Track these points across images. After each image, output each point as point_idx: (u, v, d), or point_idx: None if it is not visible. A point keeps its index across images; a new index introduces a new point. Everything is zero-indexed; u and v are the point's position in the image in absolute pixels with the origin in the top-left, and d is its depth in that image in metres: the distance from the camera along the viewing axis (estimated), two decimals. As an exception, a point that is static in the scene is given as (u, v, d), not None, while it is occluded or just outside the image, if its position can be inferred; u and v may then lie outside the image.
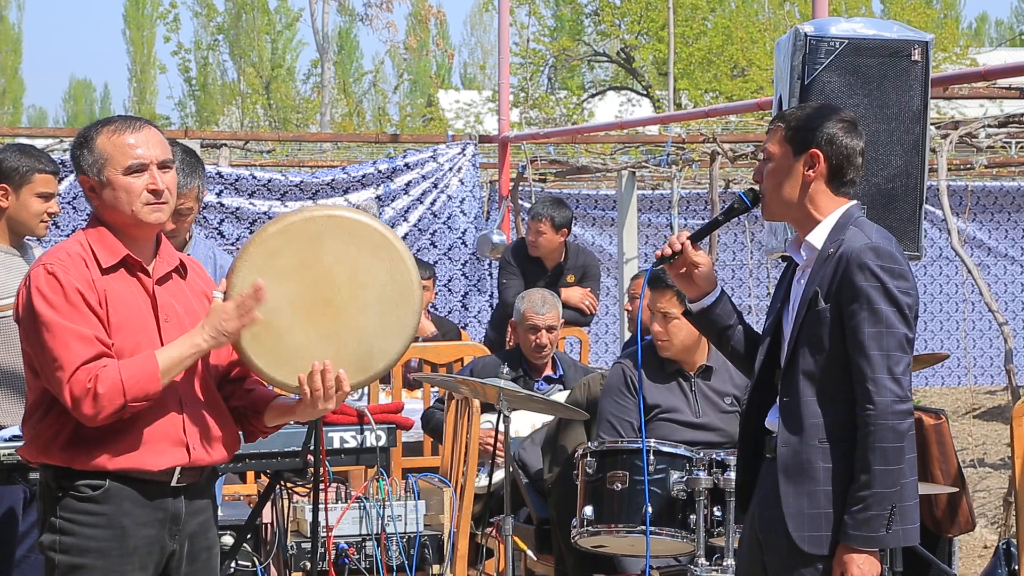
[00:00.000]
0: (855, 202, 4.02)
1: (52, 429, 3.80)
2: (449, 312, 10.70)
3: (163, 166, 3.86)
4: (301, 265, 3.84)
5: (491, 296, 11.10)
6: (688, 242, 4.10)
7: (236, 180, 10.40)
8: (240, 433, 4.09)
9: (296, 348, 3.84)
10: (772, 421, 4.02)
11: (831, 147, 3.92)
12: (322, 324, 3.86)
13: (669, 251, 4.10)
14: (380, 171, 10.84)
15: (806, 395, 3.87)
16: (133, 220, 3.84)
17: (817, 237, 3.94)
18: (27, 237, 5.39)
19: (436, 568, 5.59)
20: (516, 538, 5.80)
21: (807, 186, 3.94)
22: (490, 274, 11.10)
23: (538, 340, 7.05)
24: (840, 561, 3.83)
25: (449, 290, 10.78)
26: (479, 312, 10.95)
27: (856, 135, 3.98)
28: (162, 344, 3.82)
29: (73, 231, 9.26)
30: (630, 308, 7.59)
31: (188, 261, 4.07)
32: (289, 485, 5.41)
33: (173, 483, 3.86)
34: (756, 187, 4.03)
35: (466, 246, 10.93)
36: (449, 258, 10.89)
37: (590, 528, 5.23)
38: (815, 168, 3.92)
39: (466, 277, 10.93)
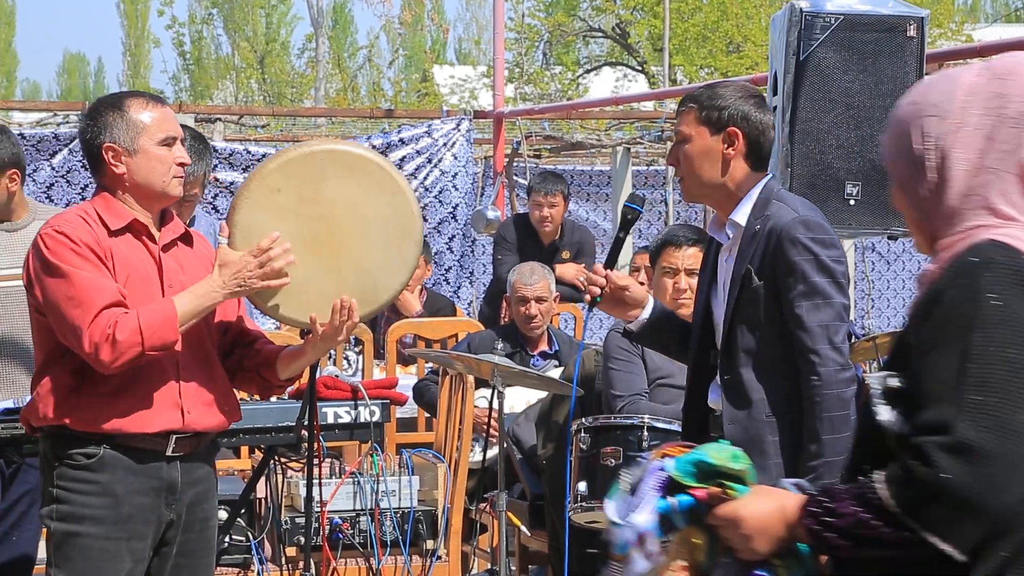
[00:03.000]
0: (771, 175, 4.03)
1: (51, 387, 3.83)
2: (434, 284, 10.70)
3: (183, 142, 3.98)
4: (302, 201, 3.86)
5: (472, 273, 11.12)
6: (608, 272, 4.08)
7: (230, 155, 10.39)
8: (257, 393, 4.20)
9: (302, 283, 3.87)
10: (715, 399, 4.03)
11: (747, 123, 3.92)
12: (326, 259, 3.90)
13: (596, 291, 4.06)
14: (375, 146, 10.81)
15: (747, 372, 3.89)
16: (160, 191, 3.91)
17: (741, 215, 3.94)
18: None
19: (430, 543, 5.60)
20: (510, 514, 5.81)
21: (727, 164, 3.94)
22: (472, 251, 11.10)
23: (527, 311, 7.05)
24: None
25: (436, 263, 10.79)
26: (459, 288, 10.96)
27: (766, 109, 3.99)
28: None
29: (67, 205, 9.25)
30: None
31: (194, 232, 4.12)
32: (283, 460, 5.42)
33: (168, 452, 3.88)
34: (639, 193, 4.05)
35: (456, 221, 10.92)
36: (438, 231, 10.89)
37: (584, 504, 5.23)
38: (734, 146, 3.92)
39: (451, 252, 10.94)
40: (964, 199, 2.33)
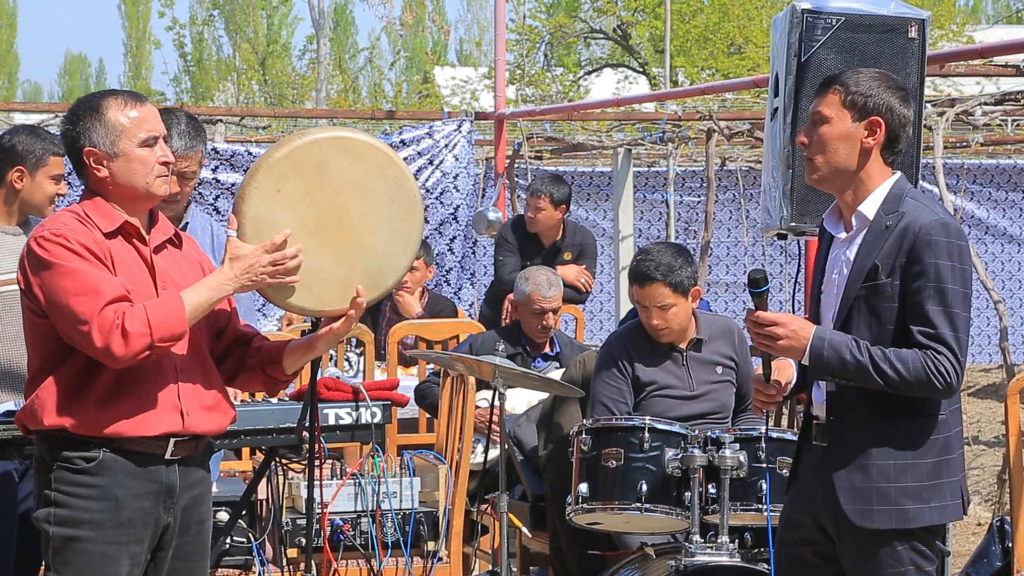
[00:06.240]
0: (900, 173, 3.99)
1: (49, 391, 3.80)
2: (435, 286, 10.71)
3: (166, 140, 3.94)
4: (309, 189, 3.88)
5: (473, 274, 11.12)
6: (771, 386, 4.03)
7: (232, 156, 10.37)
8: (262, 390, 4.18)
9: (312, 272, 3.89)
10: (820, 402, 3.99)
11: (891, 115, 3.89)
12: (334, 245, 3.91)
13: (774, 405, 4.14)
14: (376, 148, 10.78)
15: None
16: (144, 192, 3.88)
17: (870, 207, 3.91)
18: (30, 216, 5.40)
19: (431, 545, 5.60)
20: (511, 515, 5.81)
21: (865, 154, 3.90)
22: (474, 252, 11.10)
23: (544, 322, 7.03)
24: None
25: (437, 265, 10.79)
26: (460, 289, 10.97)
27: (910, 105, 3.95)
28: None
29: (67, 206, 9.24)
30: None
31: (182, 235, 4.10)
32: (284, 461, 5.41)
33: (167, 456, 3.87)
34: (758, 275, 3.93)
35: (457, 222, 10.92)
36: (440, 233, 10.89)
37: (585, 505, 5.23)
38: (875, 136, 3.89)
39: (453, 253, 10.94)
40: None
